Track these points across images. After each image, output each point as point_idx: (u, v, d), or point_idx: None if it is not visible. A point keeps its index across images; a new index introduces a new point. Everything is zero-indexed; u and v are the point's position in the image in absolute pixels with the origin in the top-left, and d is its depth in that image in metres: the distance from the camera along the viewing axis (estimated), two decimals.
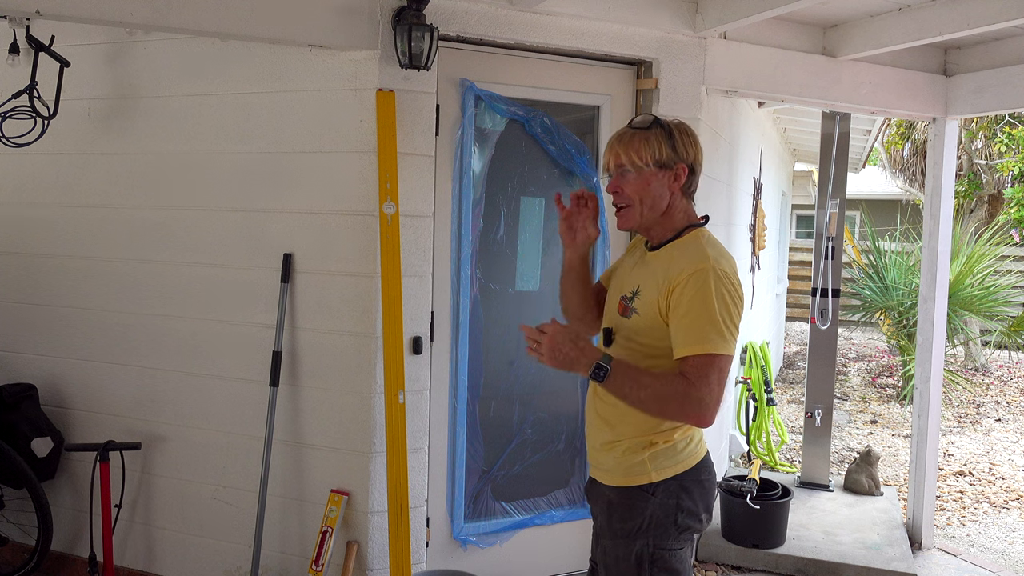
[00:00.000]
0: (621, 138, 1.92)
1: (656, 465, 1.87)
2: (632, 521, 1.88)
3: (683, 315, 1.78)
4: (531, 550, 3.42)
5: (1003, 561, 4.18)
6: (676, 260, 1.85)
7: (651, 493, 1.87)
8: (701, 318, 1.75)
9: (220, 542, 3.28)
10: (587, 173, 3.38)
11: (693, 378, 1.74)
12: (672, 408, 1.76)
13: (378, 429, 3.00)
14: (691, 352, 1.75)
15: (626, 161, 1.90)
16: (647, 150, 1.89)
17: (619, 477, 1.91)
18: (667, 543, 1.87)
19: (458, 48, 3.11)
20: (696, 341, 1.75)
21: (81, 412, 3.49)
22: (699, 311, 1.76)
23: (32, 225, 3.55)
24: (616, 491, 1.92)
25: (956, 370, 8.71)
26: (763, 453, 5.28)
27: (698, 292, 1.77)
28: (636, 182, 1.90)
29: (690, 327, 1.76)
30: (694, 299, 1.77)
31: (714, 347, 1.74)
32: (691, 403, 1.73)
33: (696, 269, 1.79)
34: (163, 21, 2.64)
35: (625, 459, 1.89)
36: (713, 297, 1.76)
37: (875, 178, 13.44)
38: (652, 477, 1.87)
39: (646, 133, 1.91)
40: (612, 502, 1.93)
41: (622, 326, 1.94)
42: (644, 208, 1.92)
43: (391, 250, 2.90)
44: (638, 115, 1.99)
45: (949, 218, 4.13)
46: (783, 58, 3.65)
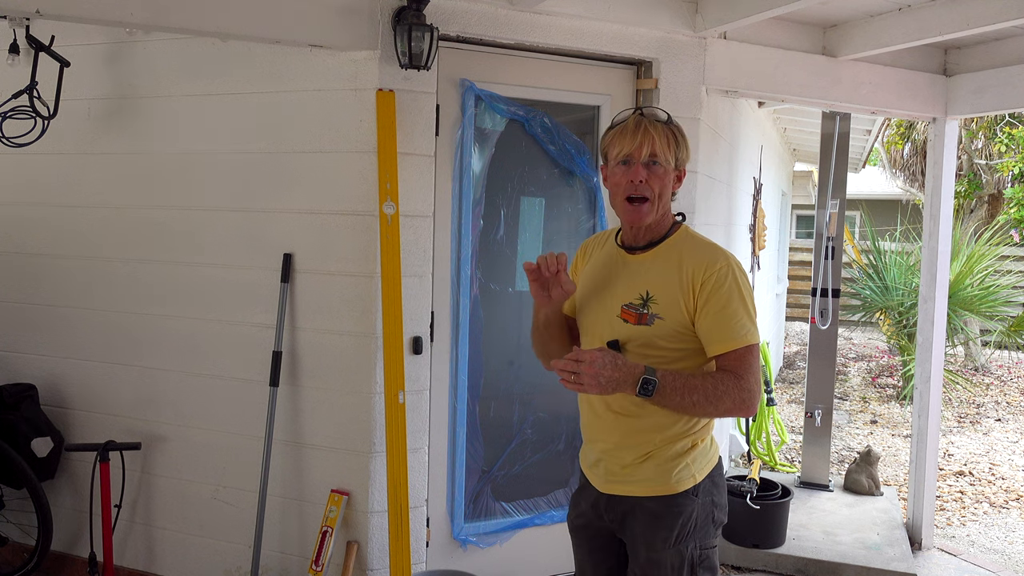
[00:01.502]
0: (654, 128, 1.85)
1: (698, 467, 1.89)
2: (676, 529, 1.86)
3: (718, 312, 1.80)
4: (531, 550, 3.42)
5: (1003, 561, 4.18)
6: (688, 258, 1.85)
7: (695, 495, 1.88)
8: (736, 313, 1.80)
9: (220, 542, 3.28)
10: (587, 173, 3.38)
11: (740, 371, 1.78)
12: (726, 405, 1.78)
13: (378, 429, 3.00)
14: (732, 347, 1.79)
15: (659, 152, 1.85)
16: (673, 147, 1.88)
17: (662, 486, 1.87)
18: (708, 541, 1.90)
19: (458, 48, 3.11)
20: (735, 336, 1.79)
21: (81, 412, 3.49)
22: (732, 307, 1.80)
23: (32, 225, 3.55)
24: (658, 500, 1.88)
25: (956, 370, 8.71)
26: (763, 453, 5.28)
27: (727, 288, 1.80)
28: (662, 177, 1.87)
29: (727, 323, 1.79)
30: (725, 295, 1.80)
31: (750, 338, 1.80)
32: (744, 395, 1.77)
33: (720, 266, 1.82)
34: (163, 21, 2.64)
35: (667, 466, 1.87)
36: (740, 291, 1.81)
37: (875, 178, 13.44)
38: (696, 479, 1.88)
39: (669, 128, 1.88)
40: (657, 512, 1.88)
41: (638, 335, 1.86)
42: (660, 204, 1.89)
43: (391, 250, 2.90)
44: (646, 107, 1.93)
45: (949, 218, 4.13)
46: (783, 58, 3.65)
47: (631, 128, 1.86)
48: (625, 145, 1.86)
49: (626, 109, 1.96)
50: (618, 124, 1.91)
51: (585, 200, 3.43)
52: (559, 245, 3.41)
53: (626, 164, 1.87)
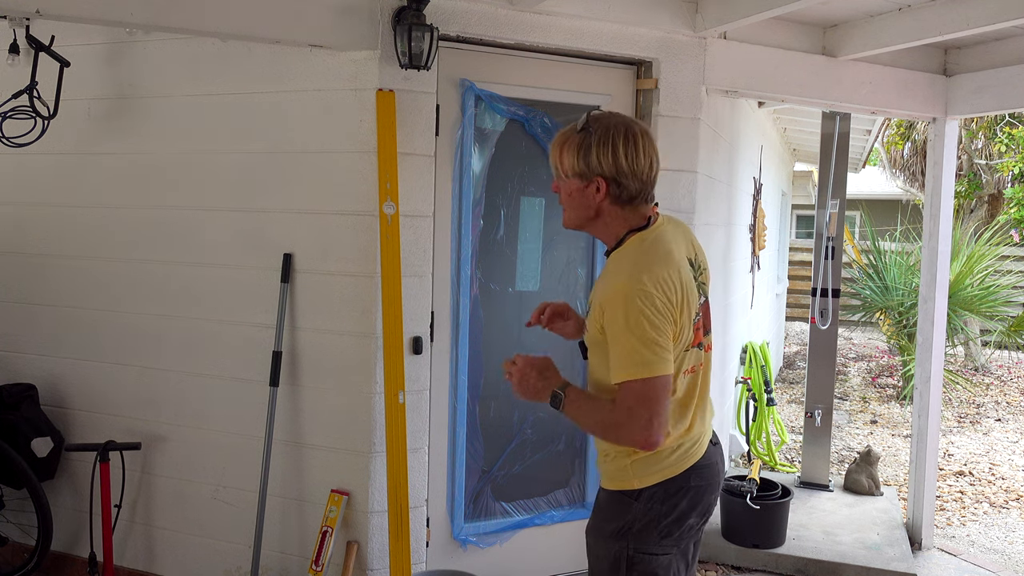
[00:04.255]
0: (556, 139, 1.89)
1: (637, 472, 1.86)
2: (614, 523, 1.89)
3: (610, 340, 1.76)
4: (531, 550, 3.42)
5: (1003, 561, 4.18)
6: (605, 279, 1.84)
7: (634, 499, 1.87)
8: (621, 344, 1.72)
9: (220, 542, 3.28)
10: None
11: (627, 404, 1.72)
12: (615, 434, 1.79)
13: (378, 429, 3.00)
14: (621, 379, 1.73)
15: (553, 167, 1.90)
16: (567, 159, 1.84)
17: (608, 481, 1.95)
18: (648, 547, 1.86)
19: (458, 48, 3.11)
20: (618, 368, 1.73)
21: (81, 412, 3.49)
22: (618, 337, 1.73)
23: (32, 225, 3.55)
24: (605, 493, 1.96)
25: (956, 370, 8.71)
26: (763, 453, 5.28)
27: (617, 316, 1.72)
28: (563, 188, 1.89)
29: (615, 353, 1.74)
30: (614, 324, 1.73)
31: (637, 372, 1.70)
32: (629, 428, 1.72)
33: (613, 293, 1.75)
34: (163, 21, 2.64)
35: (613, 465, 1.91)
36: (628, 320, 1.71)
37: (875, 178, 13.44)
38: (634, 484, 1.86)
39: (570, 140, 1.85)
40: (599, 503, 1.98)
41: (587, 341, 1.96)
42: (570, 214, 1.92)
43: (391, 250, 2.90)
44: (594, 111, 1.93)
45: (949, 218, 4.13)
46: (783, 58, 3.65)
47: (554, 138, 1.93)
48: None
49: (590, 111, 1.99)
50: None
51: None
52: (559, 245, 3.41)
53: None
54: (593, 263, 3.45)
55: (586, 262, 3.46)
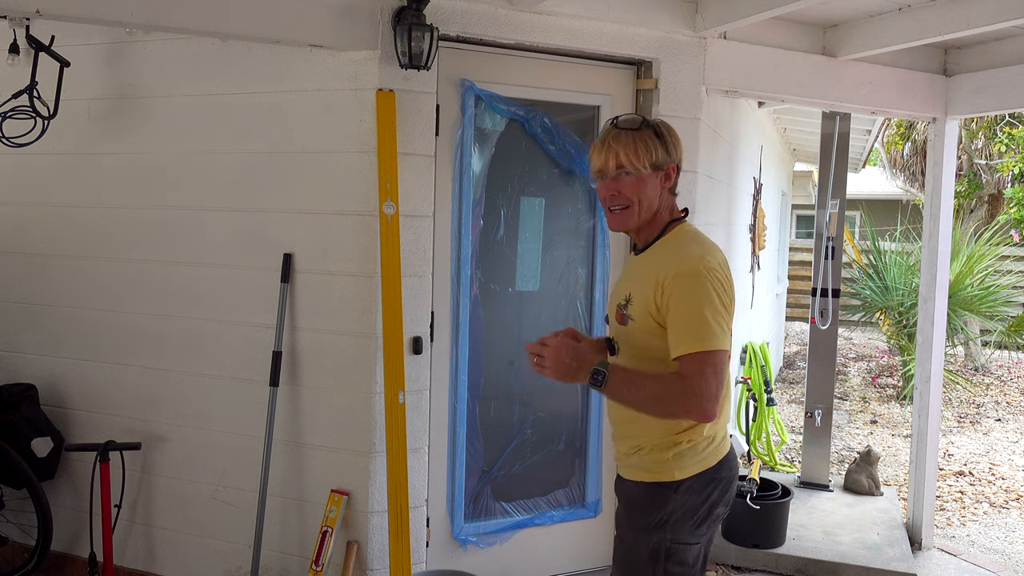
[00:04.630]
0: (617, 139, 1.91)
1: (679, 464, 1.91)
2: (653, 515, 1.92)
3: (675, 316, 1.81)
4: (531, 550, 3.42)
5: (1003, 561, 4.18)
6: (662, 261, 1.88)
7: (673, 490, 1.92)
8: (692, 317, 1.78)
9: (220, 542, 3.28)
10: (587, 173, 3.38)
11: (689, 375, 1.77)
12: (672, 407, 1.80)
13: (378, 429, 3.00)
14: (685, 351, 1.78)
15: (625, 163, 1.90)
16: (644, 152, 1.89)
17: (642, 474, 1.96)
18: (684, 537, 1.92)
19: (458, 48, 3.11)
20: (689, 340, 1.78)
21: (81, 412, 3.49)
22: (689, 311, 1.79)
23: (32, 225, 3.55)
24: (639, 486, 1.97)
25: (956, 370, 8.71)
26: (763, 453, 5.28)
27: (687, 292, 1.80)
28: (635, 184, 1.91)
29: (683, 327, 1.79)
30: (684, 299, 1.80)
31: (706, 344, 1.77)
32: (690, 399, 1.76)
33: (683, 269, 1.82)
34: (163, 21, 2.64)
35: (650, 457, 1.94)
36: (701, 295, 1.79)
37: (875, 178, 13.44)
38: (675, 475, 1.91)
39: (639, 134, 1.91)
40: (634, 496, 1.98)
41: (621, 334, 1.98)
42: (642, 210, 1.93)
43: (391, 250, 2.90)
44: (621, 115, 1.98)
45: (949, 218, 4.13)
46: (783, 58, 3.65)
47: (599, 144, 1.94)
48: (596, 161, 1.95)
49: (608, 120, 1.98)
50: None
51: (585, 200, 3.43)
52: (559, 245, 3.41)
53: (601, 179, 1.95)
54: (593, 263, 3.46)
55: (586, 262, 3.46)
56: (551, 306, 3.43)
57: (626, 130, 1.91)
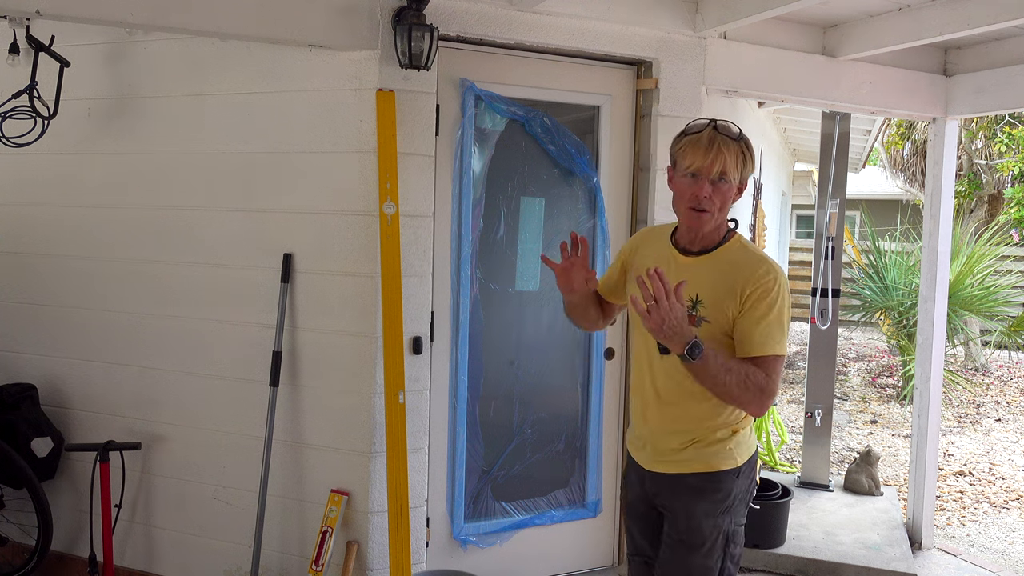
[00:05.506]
0: (727, 146, 1.94)
1: (739, 451, 2.07)
2: (722, 502, 2.05)
3: (759, 320, 1.94)
4: (531, 550, 3.42)
5: (1003, 561, 4.18)
6: (742, 266, 1.98)
7: (735, 475, 2.06)
8: (774, 324, 1.94)
9: (220, 542, 3.28)
10: (587, 173, 3.38)
11: (768, 372, 1.93)
12: (748, 395, 1.91)
13: (378, 429, 3.00)
14: (765, 353, 1.93)
15: (729, 172, 1.95)
16: (743, 166, 1.98)
17: (703, 464, 2.06)
18: (739, 519, 2.10)
19: (458, 48, 3.11)
20: (771, 344, 1.94)
21: (81, 412, 3.49)
22: (772, 318, 1.94)
23: (32, 225, 3.55)
24: (703, 476, 2.06)
25: (956, 370, 8.70)
26: (763, 453, 5.28)
27: (771, 300, 1.94)
28: (726, 192, 1.97)
29: (765, 332, 1.93)
30: (769, 306, 1.93)
31: (781, 349, 1.96)
32: (764, 394, 1.91)
33: (770, 278, 1.95)
34: (163, 21, 2.64)
35: (709, 450, 2.05)
36: (782, 305, 1.95)
37: (875, 178, 13.42)
38: (738, 462, 2.06)
39: (740, 146, 1.97)
40: (699, 487, 2.06)
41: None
42: (720, 217, 2.01)
43: (391, 250, 2.90)
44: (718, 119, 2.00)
45: (949, 218, 4.13)
46: (783, 58, 3.65)
47: (705, 143, 1.95)
48: (697, 159, 1.95)
49: (699, 119, 2.02)
50: (692, 133, 1.99)
51: (585, 200, 3.43)
52: (559, 245, 3.40)
53: (694, 177, 1.97)
54: (593, 263, 3.45)
55: None
56: (551, 306, 3.42)
57: (732, 139, 1.96)
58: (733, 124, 1.99)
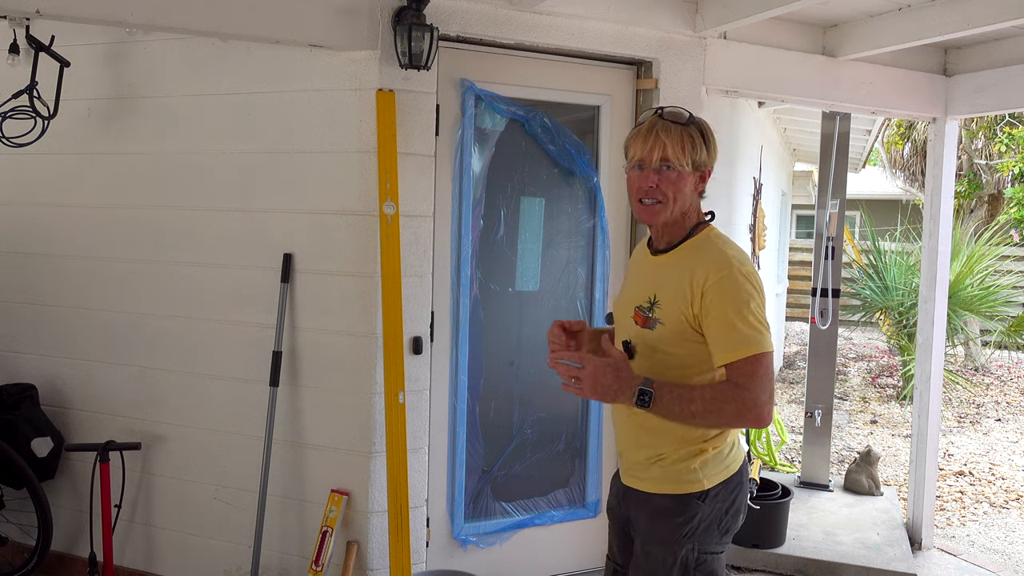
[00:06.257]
0: (667, 131, 1.82)
1: (707, 473, 1.87)
2: (682, 527, 1.86)
3: (717, 323, 1.76)
4: (531, 550, 3.42)
5: (1003, 561, 4.18)
6: (696, 266, 1.81)
7: (702, 500, 1.86)
8: (737, 322, 1.74)
9: (220, 542, 3.28)
10: (587, 173, 3.38)
11: (743, 381, 1.72)
12: (728, 416, 1.74)
13: (378, 429, 3.00)
14: (735, 357, 1.73)
15: (671, 157, 1.82)
16: (690, 149, 1.83)
17: (668, 485, 1.89)
18: (711, 547, 1.88)
19: (458, 48, 3.11)
20: (737, 345, 1.73)
21: (81, 412, 3.49)
22: (733, 316, 1.74)
23: (32, 225, 3.55)
24: (665, 498, 1.89)
25: (956, 370, 8.70)
26: (763, 453, 5.28)
27: (728, 297, 1.75)
28: (675, 181, 1.84)
29: (728, 333, 1.74)
30: (725, 305, 1.75)
31: (754, 347, 1.73)
32: (747, 406, 1.71)
33: (722, 275, 1.77)
34: (163, 21, 2.64)
35: (674, 468, 1.87)
36: (743, 299, 1.75)
37: (875, 178, 13.42)
38: (704, 485, 1.86)
39: (688, 130, 1.84)
40: (659, 508, 1.90)
41: (643, 337, 1.89)
42: (675, 207, 1.87)
43: (391, 250, 2.90)
44: (667, 106, 1.89)
45: (949, 218, 4.13)
46: (783, 58, 3.65)
47: (644, 132, 1.85)
48: (638, 149, 1.86)
49: (650, 109, 1.91)
50: (638, 125, 1.89)
51: (585, 200, 3.43)
52: (559, 245, 3.41)
53: (640, 168, 1.86)
54: (593, 263, 3.45)
55: (586, 262, 3.46)
56: (551, 306, 3.42)
57: (674, 123, 1.84)
58: (684, 109, 1.87)
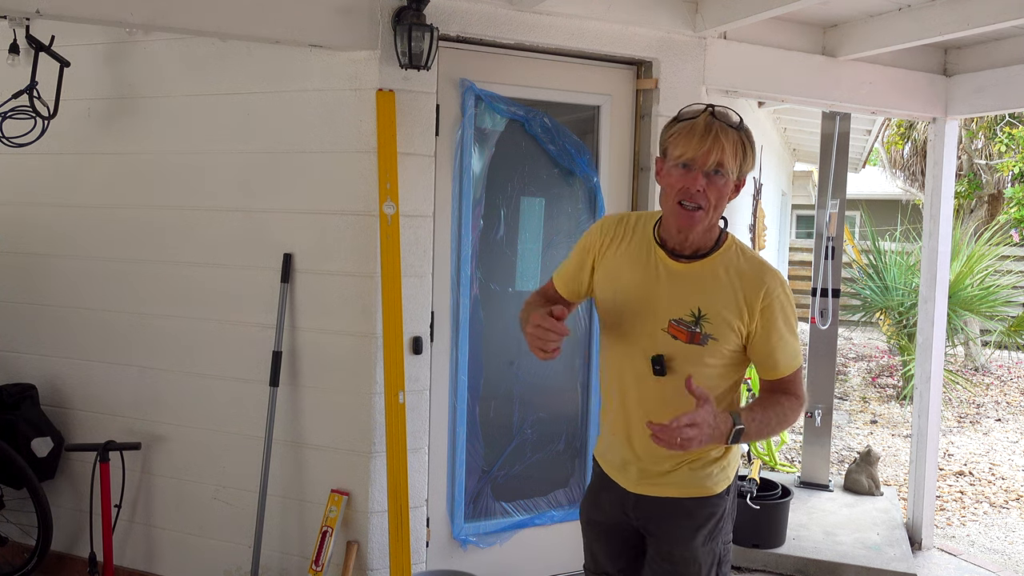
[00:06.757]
0: (726, 134, 1.70)
1: (727, 474, 1.99)
2: (710, 526, 1.96)
3: (780, 339, 1.85)
4: (531, 550, 3.42)
5: (1003, 561, 4.18)
6: (744, 279, 1.82)
7: (728, 494, 2.00)
8: (792, 340, 1.87)
9: (220, 542, 3.28)
10: (587, 173, 3.38)
11: (796, 390, 1.91)
12: (790, 423, 1.90)
13: (378, 429, 3.00)
14: (792, 371, 1.89)
15: (727, 163, 1.71)
16: (742, 157, 1.74)
17: (699, 488, 1.95)
18: (728, 537, 2.02)
19: (458, 48, 3.11)
20: (795, 360, 1.89)
21: (81, 412, 3.49)
22: (788, 332, 1.85)
23: (32, 225, 3.55)
24: (695, 501, 1.95)
25: (956, 370, 8.70)
26: (763, 453, 5.28)
27: (787, 313, 1.84)
28: (722, 188, 1.74)
29: (787, 349, 1.86)
30: (785, 320, 1.84)
31: (801, 359, 1.92)
32: (799, 412, 1.91)
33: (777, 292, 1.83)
34: (163, 21, 2.64)
35: (704, 472, 1.95)
36: (791, 315, 1.86)
37: (875, 178, 13.42)
38: (731, 479, 2.00)
39: (739, 137, 1.73)
40: (691, 511, 1.95)
41: (688, 353, 1.83)
42: (714, 215, 1.78)
43: (391, 250, 2.90)
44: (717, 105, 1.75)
45: (949, 218, 4.13)
46: (783, 58, 3.65)
47: (700, 130, 1.70)
48: (691, 148, 1.71)
49: (695, 104, 1.79)
50: (685, 120, 1.74)
51: (585, 200, 3.43)
52: (559, 245, 3.41)
53: (686, 168, 1.73)
54: None
55: None
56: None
57: (731, 128, 1.72)
58: (733, 111, 1.74)
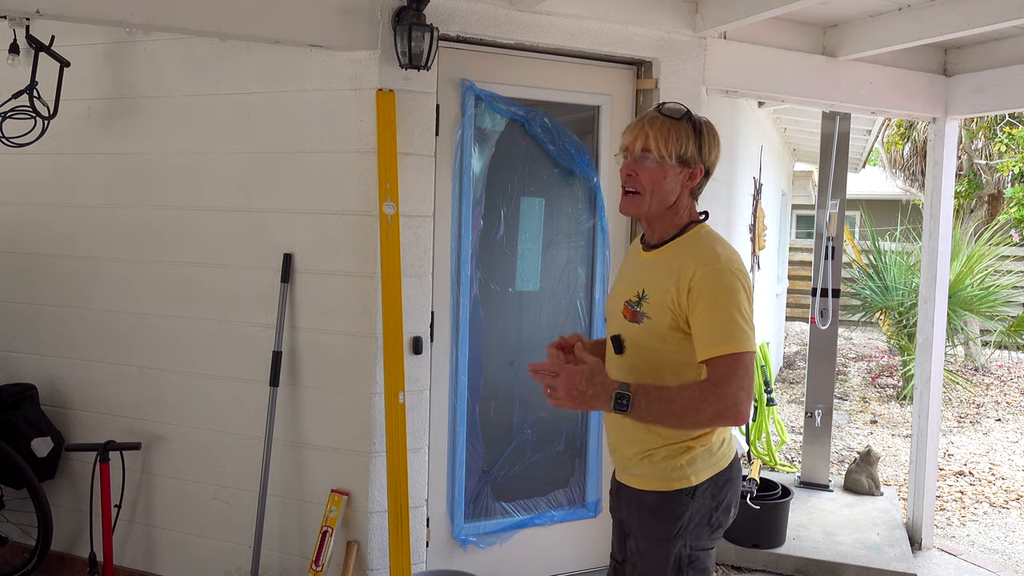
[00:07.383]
0: (652, 122, 1.85)
1: (694, 469, 1.86)
2: (671, 525, 1.86)
3: (702, 317, 1.75)
4: (531, 550, 3.42)
5: (1003, 561, 4.18)
6: (685, 261, 1.80)
7: (690, 496, 1.86)
8: (720, 319, 1.73)
9: (220, 542, 3.28)
10: (587, 173, 3.38)
11: (722, 379, 1.70)
12: (707, 416, 1.72)
13: (378, 429, 3.00)
14: (715, 354, 1.72)
15: (652, 147, 1.84)
16: (674, 142, 1.84)
17: (657, 482, 1.88)
18: (702, 543, 1.88)
19: (458, 48, 3.11)
20: (720, 342, 1.72)
21: (81, 412, 3.49)
22: (717, 312, 1.73)
23: (32, 225, 3.55)
24: (654, 495, 1.89)
25: (956, 370, 8.70)
26: (763, 453, 5.28)
27: (714, 293, 1.74)
28: (654, 171, 1.85)
29: (710, 329, 1.73)
30: (711, 301, 1.74)
31: (737, 345, 1.71)
32: (725, 405, 1.69)
33: (709, 270, 1.76)
34: (163, 21, 2.64)
35: (663, 465, 1.87)
36: (729, 296, 1.74)
37: (875, 178, 13.43)
38: (692, 481, 1.85)
39: (677, 124, 1.85)
40: (648, 506, 1.90)
41: (632, 333, 1.89)
42: (653, 200, 1.87)
43: (391, 250, 2.90)
44: (668, 102, 1.91)
45: (949, 218, 4.13)
46: (783, 58, 3.65)
47: (633, 122, 1.91)
48: (624, 138, 1.91)
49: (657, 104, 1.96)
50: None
51: (585, 200, 3.43)
52: (559, 245, 3.41)
53: (625, 158, 1.90)
54: (593, 263, 3.45)
55: (586, 262, 3.46)
56: (551, 306, 3.43)
57: (665, 116, 1.85)
58: (684, 106, 1.88)
